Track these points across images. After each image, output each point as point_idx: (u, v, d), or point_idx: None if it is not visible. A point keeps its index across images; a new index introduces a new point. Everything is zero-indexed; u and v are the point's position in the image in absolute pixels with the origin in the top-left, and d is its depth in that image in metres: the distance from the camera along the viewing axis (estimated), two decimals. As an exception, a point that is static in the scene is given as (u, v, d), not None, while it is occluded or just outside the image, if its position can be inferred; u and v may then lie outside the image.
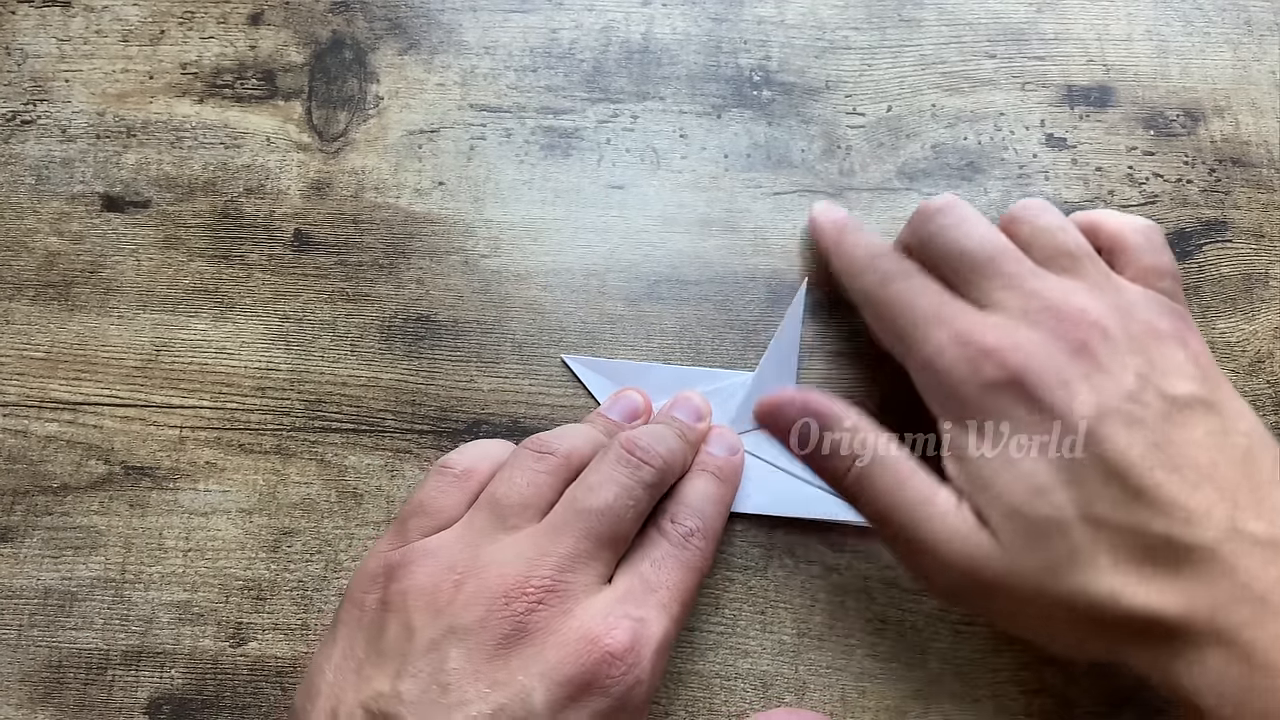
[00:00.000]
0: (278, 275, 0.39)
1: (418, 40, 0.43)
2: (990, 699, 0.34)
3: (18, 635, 0.34)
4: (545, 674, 0.26)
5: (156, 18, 0.44)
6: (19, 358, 0.38)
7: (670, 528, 0.31)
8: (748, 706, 0.33)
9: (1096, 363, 0.28)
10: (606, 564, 0.30)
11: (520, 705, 0.26)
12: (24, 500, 0.36)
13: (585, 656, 0.26)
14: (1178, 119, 0.42)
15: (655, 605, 0.29)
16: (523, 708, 0.26)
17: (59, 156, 0.41)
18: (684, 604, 0.30)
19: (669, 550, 0.30)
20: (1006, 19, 0.44)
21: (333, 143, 0.41)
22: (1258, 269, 0.39)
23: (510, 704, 0.26)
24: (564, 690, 0.26)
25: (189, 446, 0.37)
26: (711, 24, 0.43)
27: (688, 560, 0.30)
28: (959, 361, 0.29)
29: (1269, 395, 0.37)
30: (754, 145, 0.41)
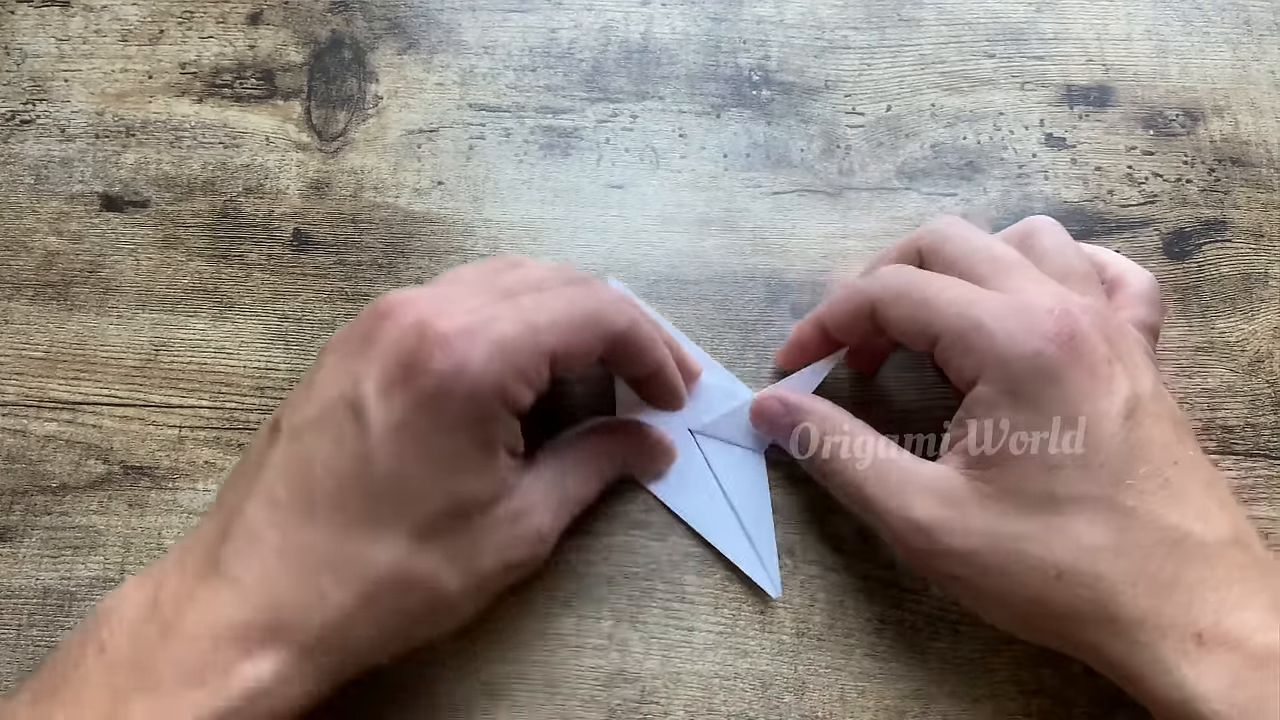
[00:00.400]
0: (277, 275, 0.39)
1: (417, 40, 0.43)
2: (989, 699, 0.34)
3: (17, 635, 0.34)
4: (378, 357, 0.27)
5: (156, 17, 0.43)
6: (18, 357, 0.38)
7: (576, 272, 0.32)
8: (747, 706, 0.33)
9: (1121, 355, 0.29)
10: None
11: (354, 389, 0.27)
12: (23, 500, 0.36)
13: (415, 338, 0.27)
14: (1177, 119, 0.42)
15: (513, 309, 0.28)
16: (355, 390, 0.27)
17: (58, 156, 0.41)
18: (555, 326, 0.28)
19: (559, 279, 0.31)
20: (1006, 18, 0.43)
21: (332, 142, 0.41)
22: (1257, 269, 0.39)
23: (348, 390, 0.27)
24: (392, 372, 0.27)
25: (188, 446, 0.37)
26: (711, 23, 0.43)
27: (573, 294, 0.29)
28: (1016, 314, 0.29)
29: (1268, 395, 0.37)
30: (753, 145, 0.41)
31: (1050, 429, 0.28)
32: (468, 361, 0.26)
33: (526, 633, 0.34)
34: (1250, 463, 0.36)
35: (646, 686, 0.34)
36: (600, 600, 0.35)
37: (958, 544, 0.29)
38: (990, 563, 0.28)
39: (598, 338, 0.29)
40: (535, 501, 0.30)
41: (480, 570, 0.29)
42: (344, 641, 0.27)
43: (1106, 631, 0.27)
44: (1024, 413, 0.28)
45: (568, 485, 0.32)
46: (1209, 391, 0.37)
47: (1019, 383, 0.28)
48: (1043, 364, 0.28)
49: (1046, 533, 0.28)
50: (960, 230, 0.33)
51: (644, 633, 0.34)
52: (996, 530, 0.28)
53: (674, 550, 0.35)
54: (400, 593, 0.27)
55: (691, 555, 0.35)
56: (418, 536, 0.27)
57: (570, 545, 0.35)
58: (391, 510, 0.27)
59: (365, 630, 0.27)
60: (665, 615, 0.34)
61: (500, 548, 0.29)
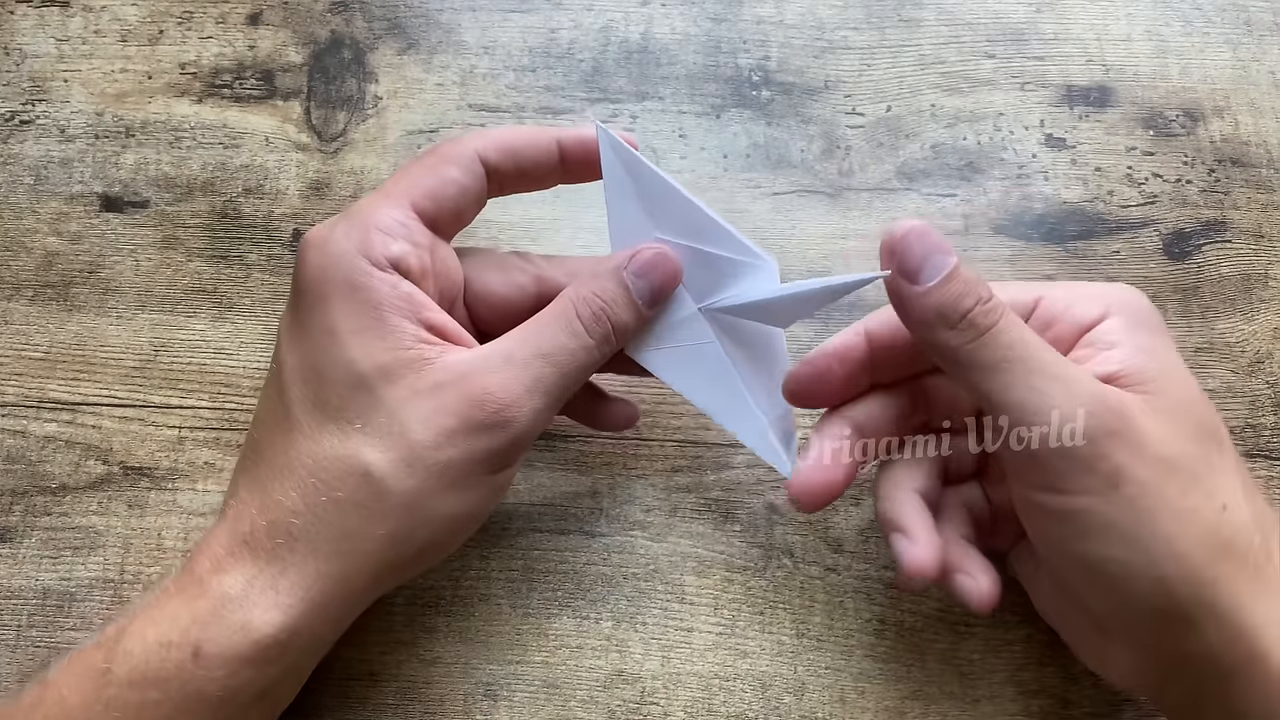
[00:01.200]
0: (276, 275, 0.39)
1: (417, 40, 0.43)
2: (989, 700, 0.34)
3: (16, 636, 0.34)
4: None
5: (155, 18, 0.43)
6: (17, 358, 0.38)
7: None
8: (746, 707, 0.33)
9: None
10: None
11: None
12: (23, 500, 0.36)
13: (298, 255, 0.29)
14: (1177, 119, 0.42)
15: (375, 192, 0.30)
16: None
17: (57, 156, 0.41)
18: (404, 176, 0.30)
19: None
20: (1006, 19, 0.43)
21: (331, 143, 0.41)
22: (1257, 269, 0.39)
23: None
24: (290, 292, 0.30)
25: (187, 447, 0.37)
26: (711, 24, 0.43)
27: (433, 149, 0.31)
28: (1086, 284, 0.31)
29: (1268, 395, 0.37)
30: (753, 145, 0.41)
31: (1180, 359, 0.28)
32: (319, 240, 0.28)
33: (526, 633, 0.34)
34: (1251, 463, 0.36)
35: (646, 687, 0.34)
36: (600, 601, 0.35)
37: (1151, 436, 0.26)
38: (1175, 475, 0.26)
39: (458, 164, 0.30)
40: (476, 365, 0.28)
41: (411, 442, 0.27)
42: (302, 545, 0.27)
43: (1252, 580, 0.26)
44: (1162, 341, 0.28)
45: (540, 341, 0.29)
46: (1209, 392, 0.37)
47: (1148, 319, 0.29)
48: (1158, 315, 0.29)
49: (1215, 462, 0.27)
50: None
51: (643, 634, 0.34)
52: (1179, 442, 0.26)
53: (673, 551, 0.35)
54: (335, 480, 0.27)
55: (690, 556, 0.35)
56: (328, 415, 0.27)
57: (570, 546, 0.35)
58: (299, 396, 0.28)
59: (319, 529, 0.27)
60: (665, 616, 0.34)
61: (429, 415, 0.27)
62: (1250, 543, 0.26)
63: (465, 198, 0.30)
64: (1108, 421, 0.25)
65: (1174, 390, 0.27)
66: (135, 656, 0.26)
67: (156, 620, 0.27)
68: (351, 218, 0.29)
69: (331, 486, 0.27)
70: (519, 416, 0.28)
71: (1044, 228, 0.40)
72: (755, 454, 0.32)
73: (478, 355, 0.28)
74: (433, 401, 0.27)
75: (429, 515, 0.28)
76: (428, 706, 0.33)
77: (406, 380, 0.27)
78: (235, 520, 0.28)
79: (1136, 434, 0.26)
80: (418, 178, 0.30)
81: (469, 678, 0.34)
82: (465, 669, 0.34)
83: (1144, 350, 0.28)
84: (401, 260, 0.28)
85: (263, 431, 0.29)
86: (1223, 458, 0.27)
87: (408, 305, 0.28)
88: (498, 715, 0.33)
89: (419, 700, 0.33)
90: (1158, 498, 0.25)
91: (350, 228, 0.28)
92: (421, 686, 0.34)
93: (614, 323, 0.30)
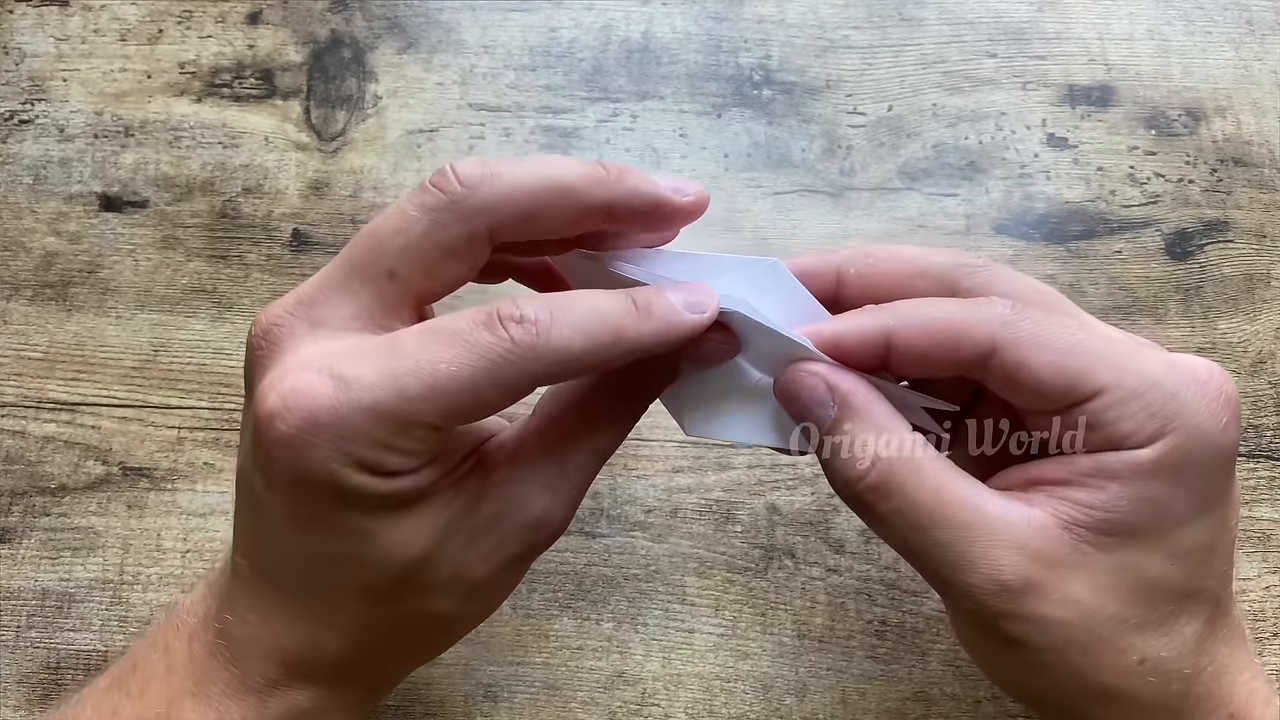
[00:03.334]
0: (276, 275, 0.39)
1: (416, 39, 0.43)
2: (990, 700, 0.33)
3: (16, 637, 0.34)
4: (244, 431, 0.24)
5: (154, 17, 0.43)
6: (17, 358, 0.38)
7: (496, 306, 0.23)
8: (748, 709, 0.33)
9: None
10: (359, 299, 0.24)
11: (245, 462, 0.25)
12: (22, 501, 0.36)
13: (258, 413, 0.23)
14: (1179, 119, 0.42)
15: (383, 371, 0.22)
16: (243, 475, 0.25)
17: (57, 156, 0.41)
18: (438, 389, 0.22)
19: (468, 323, 0.23)
20: (1008, 18, 0.43)
21: (331, 142, 0.41)
22: (1259, 269, 0.39)
23: (245, 463, 0.25)
24: (253, 459, 0.23)
25: (187, 447, 0.37)
26: (711, 23, 0.43)
27: (483, 345, 0.22)
28: (1179, 373, 0.25)
29: (1270, 396, 0.37)
30: (754, 145, 0.41)
31: (1196, 515, 0.25)
32: (304, 447, 0.22)
33: (527, 634, 0.34)
34: (1252, 464, 0.36)
35: (647, 688, 0.34)
36: (600, 602, 0.35)
37: (1047, 612, 0.24)
38: (1075, 639, 0.24)
39: (461, 263, 0.24)
40: (530, 481, 0.25)
41: (473, 583, 0.26)
42: (370, 674, 0.27)
43: (1155, 716, 0.26)
44: (1184, 490, 0.24)
45: (595, 434, 0.26)
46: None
47: (1197, 458, 0.24)
48: (1226, 443, 0.25)
49: (1148, 623, 0.25)
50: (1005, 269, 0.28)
51: (644, 635, 0.34)
52: (1096, 606, 0.24)
53: (674, 552, 0.35)
54: (399, 619, 0.26)
55: (691, 557, 0.35)
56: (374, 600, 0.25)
57: (570, 546, 0.35)
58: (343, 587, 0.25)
59: (385, 660, 0.27)
60: (666, 617, 0.34)
61: (489, 551, 0.25)
62: (1167, 690, 0.25)
63: (459, 276, 0.25)
64: (1001, 605, 0.24)
65: (1142, 545, 0.25)
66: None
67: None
68: (346, 417, 0.22)
69: (394, 628, 0.26)
70: (568, 521, 0.26)
71: (1046, 227, 0.40)
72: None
73: (532, 465, 0.26)
74: (492, 538, 0.25)
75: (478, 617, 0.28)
76: (428, 708, 0.33)
77: (463, 525, 0.25)
78: (295, 635, 0.26)
79: (1036, 609, 0.24)
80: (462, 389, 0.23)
81: (469, 679, 0.34)
82: (465, 670, 0.34)
83: (1143, 500, 0.24)
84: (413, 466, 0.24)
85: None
86: (1175, 610, 0.25)
87: (406, 464, 0.24)
88: (498, 717, 0.33)
89: (419, 701, 0.33)
90: (1052, 656, 0.25)
91: (356, 431, 0.22)
92: (422, 688, 0.34)
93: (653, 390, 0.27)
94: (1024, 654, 0.25)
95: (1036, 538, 0.24)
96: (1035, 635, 0.25)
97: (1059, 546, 0.24)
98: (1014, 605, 0.24)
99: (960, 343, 0.25)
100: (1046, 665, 0.25)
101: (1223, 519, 0.25)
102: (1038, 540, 0.24)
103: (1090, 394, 0.24)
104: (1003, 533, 0.24)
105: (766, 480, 0.36)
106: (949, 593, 0.25)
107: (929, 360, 0.25)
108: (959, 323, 0.25)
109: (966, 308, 0.25)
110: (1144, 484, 0.24)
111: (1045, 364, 0.24)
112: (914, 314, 0.25)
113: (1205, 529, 0.25)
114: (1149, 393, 0.24)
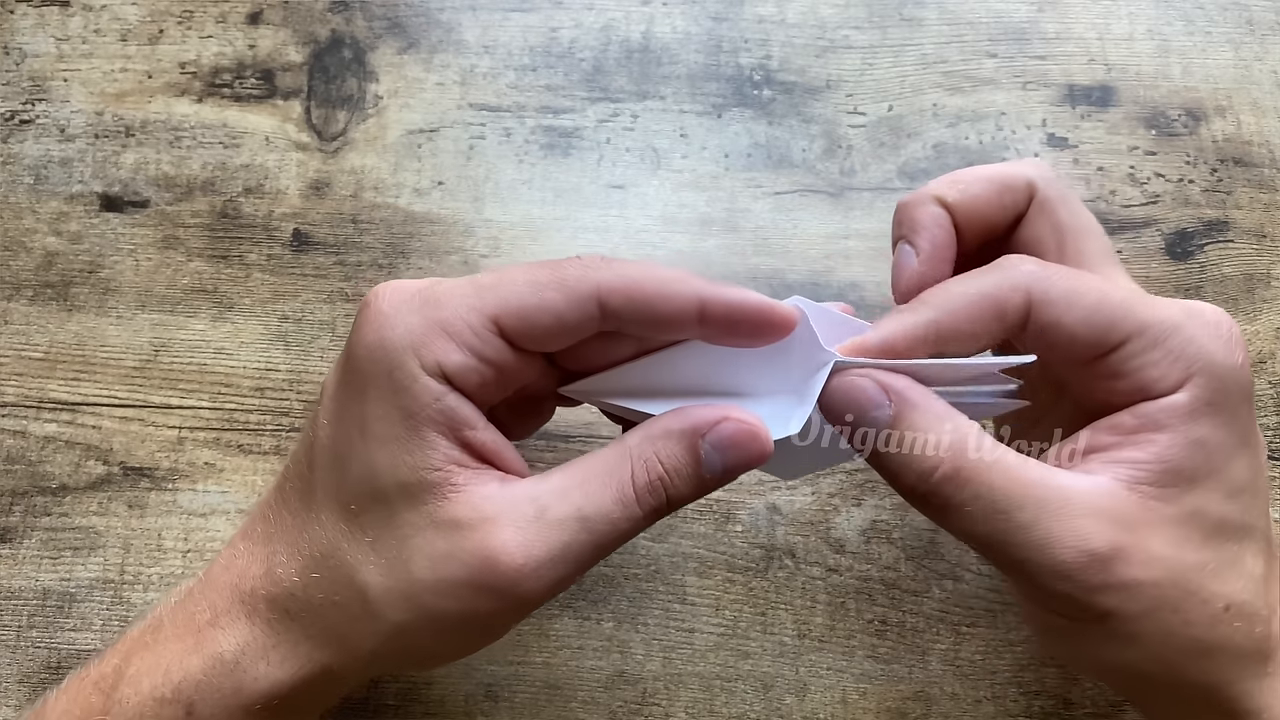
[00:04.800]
0: (276, 275, 0.39)
1: (417, 39, 0.43)
2: (991, 700, 0.33)
3: (17, 636, 0.34)
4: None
5: (155, 17, 0.43)
6: (17, 358, 0.38)
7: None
8: (748, 708, 0.33)
9: None
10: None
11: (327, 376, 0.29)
12: (23, 501, 0.36)
13: (359, 313, 0.27)
14: (1179, 119, 0.42)
15: (464, 278, 0.26)
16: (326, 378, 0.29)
17: (57, 156, 0.41)
18: (501, 285, 0.25)
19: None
20: (1008, 18, 0.43)
21: (332, 142, 0.41)
22: (1259, 269, 0.39)
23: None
24: (342, 352, 0.28)
25: (188, 447, 0.37)
26: (712, 23, 0.43)
27: (542, 264, 0.26)
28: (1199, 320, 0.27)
29: (1270, 396, 0.37)
30: (754, 145, 0.41)
31: (1238, 451, 0.26)
32: (383, 315, 0.25)
33: (527, 634, 0.34)
34: (1253, 464, 0.36)
35: (647, 688, 0.34)
36: (601, 602, 0.35)
37: (1138, 574, 0.24)
38: (1166, 597, 0.25)
39: (565, 296, 0.25)
40: (503, 511, 0.25)
41: (409, 575, 0.25)
42: (297, 627, 0.26)
43: (1247, 667, 0.26)
44: (1223, 427, 0.25)
45: (583, 500, 0.25)
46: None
47: (1228, 394, 0.25)
48: (1245, 378, 0.26)
49: (1223, 564, 0.25)
50: (1072, 194, 0.30)
51: (645, 634, 0.34)
52: (1178, 558, 0.25)
53: (674, 551, 0.35)
54: (334, 585, 0.26)
55: (692, 556, 0.35)
56: (346, 514, 0.26)
57: (571, 546, 0.35)
58: (324, 480, 0.26)
59: (313, 620, 0.26)
60: (666, 617, 0.34)
61: (434, 557, 0.25)
62: (1253, 633, 0.26)
63: (560, 328, 0.25)
64: (1094, 578, 0.25)
65: (1201, 488, 0.25)
66: (129, 707, 0.26)
67: (152, 668, 0.26)
68: (423, 304, 0.25)
69: (331, 587, 0.26)
70: (533, 587, 0.24)
71: (1046, 227, 0.40)
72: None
73: (510, 498, 0.25)
74: (446, 542, 0.25)
75: (416, 650, 0.26)
76: (428, 707, 0.33)
77: (426, 507, 0.25)
78: (241, 573, 0.27)
79: (1126, 574, 0.25)
80: (517, 291, 0.25)
81: (470, 679, 0.34)
82: (466, 670, 0.34)
83: (1192, 443, 0.25)
84: (457, 373, 0.25)
85: (289, 488, 0.28)
86: (1241, 548, 0.26)
87: (447, 421, 0.25)
88: (499, 716, 0.33)
89: (419, 701, 0.33)
90: (1147, 622, 0.25)
91: (414, 318, 0.25)
92: (422, 687, 0.34)
93: (670, 495, 0.26)
94: (1116, 625, 0.25)
95: (1110, 504, 0.25)
96: (1128, 603, 0.25)
97: (1131, 507, 0.25)
98: (1105, 575, 0.24)
99: (1003, 311, 0.26)
100: (1140, 634, 0.25)
101: (1257, 454, 0.26)
102: (1112, 506, 0.25)
103: (1118, 343, 0.26)
104: (1080, 504, 0.25)
105: (767, 480, 0.36)
106: (1036, 576, 0.25)
107: (978, 337, 0.26)
108: (995, 293, 0.26)
109: (997, 277, 0.26)
110: (1189, 427, 0.25)
111: (1077, 320, 0.26)
112: (953, 300, 0.26)
113: (1247, 465, 0.26)
114: (1170, 339, 0.25)
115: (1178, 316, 0.26)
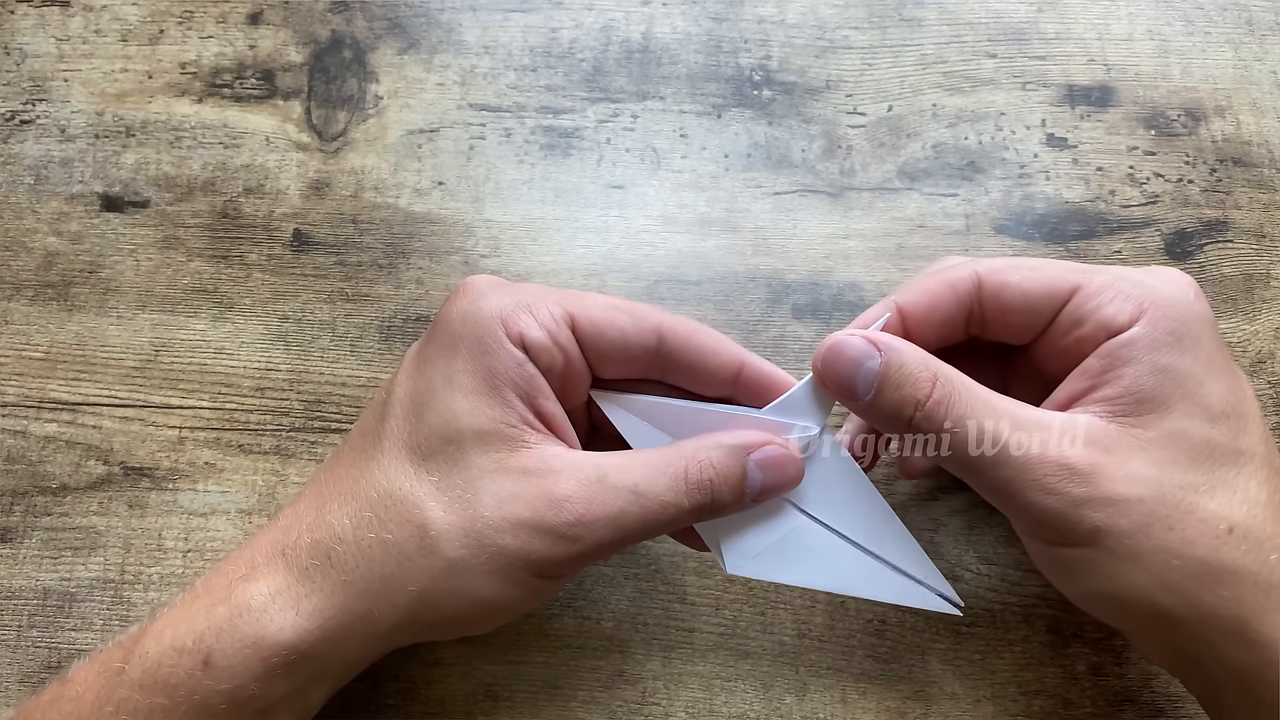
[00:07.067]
0: (277, 275, 0.39)
1: (417, 40, 0.43)
2: (990, 700, 0.34)
3: (17, 636, 0.34)
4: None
5: (155, 17, 0.43)
6: (18, 358, 0.38)
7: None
8: (748, 708, 0.33)
9: None
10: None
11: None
12: (23, 500, 0.36)
13: (452, 293, 0.30)
14: (1179, 119, 0.42)
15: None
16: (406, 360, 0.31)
17: (58, 156, 0.41)
18: (582, 296, 0.30)
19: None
20: (1007, 18, 0.43)
21: (332, 142, 0.41)
22: (1259, 269, 0.39)
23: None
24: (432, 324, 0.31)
25: (188, 447, 0.37)
26: (712, 23, 0.43)
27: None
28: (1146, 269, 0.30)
29: (1270, 395, 0.37)
30: (754, 145, 0.41)
31: (1210, 376, 0.27)
32: (474, 292, 0.29)
33: (527, 634, 0.34)
34: (1252, 464, 0.36)
35: (647, 687, 0.34)
36: (601, 601, 0.35)
37: (1121, 490, 0.26)
38: (1158, 513, 0.26)
39: (633, 321, 0.29)
40: (568, 468, 0.27)
41: (473, 511, 0.27)
42: (335, 573, 0.27)
43: (1268, 596, 0.26)
44: (1188, 354, 0.27)
45: (640, 478, 0.28)
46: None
47: (1184, 323, 0.27)
48: (1202, 309, 0.28)
49: (1216, 485, 0.26)
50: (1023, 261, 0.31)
51: (645, 634, 0.34)
52: (1163, 477, 0.26)
53: (674, 551, 0.35)
54: (390, 521, 0.27)
55: (691, 556, 0.35)
56: (413, 456, 0.28)
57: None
58: (395, 428, 0.28)
59: (357, 564, 0.27)
60: (666, 616, 0.34)
61: (501, 497, 0.27)
62: (1266, 559, 0.26)
63: (623, 344, 0.29)
64: (1075, 490, 0.26)
65: (1178, 412, 0.27)
66: (149, 659, 0.27)
67: (176, 622, 0.27)
68: (513, 289, 0.29)
69: (385, 526, 0.27)
70: (587, 537, 0.27)
71: (1045, 227, 0.40)
72: (916, 607, 0.30)
73: (575, 460, 0.28)
74: (513, 484, 0.27)
75: (464, 590, 0.27)
76: (429, 707, 0.33)
77: (498, 454, 0.27)
78: (285, 529, 0.28)
79: (1110, 489, 0.26)
80: (593, 302, 0.29)
81: (470, 678, 0.34)
82: (466, 669, 0.34)
83: (1158, 370, 0.27)
84: (535, 346, 0.28)
85: (347, 449, 0.30)
86: (1236, 471, 0.26)
87: (525, 385, 0.28)
88: (499, 715, 0.33)
89: (419, 700, 0.33)
90: (1143, 539, 0.26)
91: (505, 297, 0.29)
92: (422, 687, 0.34)
93: (715, 499, 0.28)
94: (1112, 544, 0.26)
95: (1089, 432, 0.27)
96: (1117, 518, 0.26)
97: (1110, 435, 0.27)
98: (1088, 488, 0.26)
99: (954, 285, 0.29)
100: (1140, 553, 0.26)
101: (1237, 382, 0.28)
102: (1089, 433, 0.27)
103: (1069, 293, 0.29)
104: (1059, 429, 0.27)
105: (767, 480, 0.36)
106: (1021, 493, 0.27)
107: (937, 309, 0.30)
108: (946, 276, 0.30)
109: (942, 267, 0.31)
110: (1151, 356, 0.27)
111: (1025, 278, 0.29)
112: (910, 287, 0.30)
113: (1225, 389, 0.27)
114: (1118, 282, 0.28)
115: (1125, 270, 0.29)
